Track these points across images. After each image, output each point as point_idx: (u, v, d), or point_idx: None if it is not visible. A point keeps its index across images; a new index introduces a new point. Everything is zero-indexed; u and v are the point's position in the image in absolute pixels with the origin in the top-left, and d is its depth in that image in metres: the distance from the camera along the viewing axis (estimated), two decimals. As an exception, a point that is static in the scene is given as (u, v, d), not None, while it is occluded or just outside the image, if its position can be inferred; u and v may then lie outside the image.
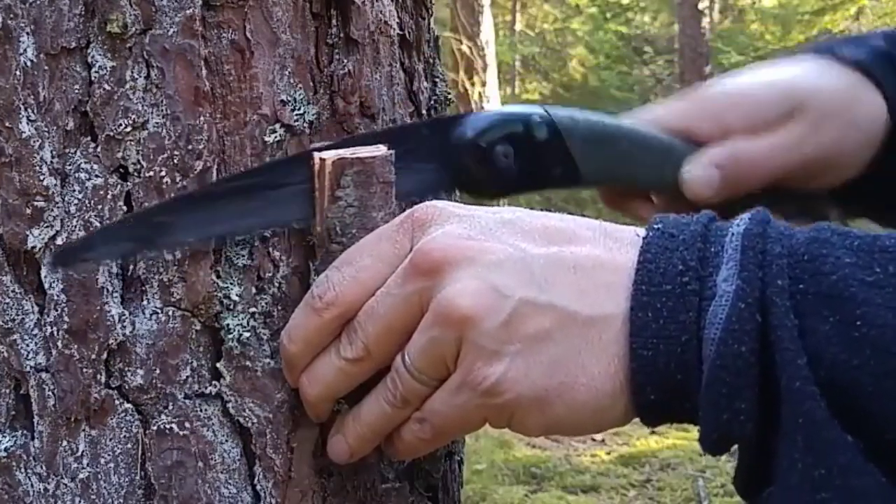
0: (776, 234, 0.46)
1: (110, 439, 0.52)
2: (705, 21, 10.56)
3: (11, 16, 0.51)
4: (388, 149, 0.54)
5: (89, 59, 0.52)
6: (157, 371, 0.52)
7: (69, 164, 0.52)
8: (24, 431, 0.53)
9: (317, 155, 0.53)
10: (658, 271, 0.47)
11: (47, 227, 0.52)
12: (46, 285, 0.52)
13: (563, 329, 0.47)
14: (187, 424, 0.52)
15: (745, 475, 0.46)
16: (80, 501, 0.52)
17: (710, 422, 0.45)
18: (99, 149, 0.52)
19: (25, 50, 0.51)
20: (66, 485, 0.52)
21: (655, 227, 0.49)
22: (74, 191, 0.52)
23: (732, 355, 0.44)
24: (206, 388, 0.53)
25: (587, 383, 0.47)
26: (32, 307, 0.52)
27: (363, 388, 0.52)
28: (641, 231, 0.49)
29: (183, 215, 0.52)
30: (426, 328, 0.48)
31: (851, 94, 0.66)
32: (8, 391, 0.53)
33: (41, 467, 0.52)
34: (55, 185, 0.52)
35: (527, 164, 0.60)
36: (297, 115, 0.55)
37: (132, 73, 0.52)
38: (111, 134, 0.52)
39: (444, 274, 0.48)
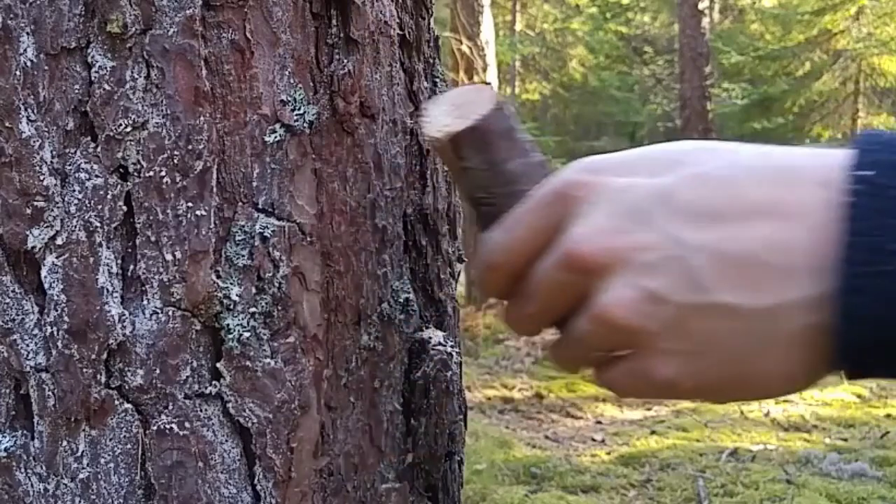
0: None
1: (110, 439, 0.52)
2: (705, 21, 10.56)
3: (11, 16, 0.51)
4: None
5: (89, 59, 0.52)
6: (157, 371, 0.52)
7: (69, 164, 0.52)
8: (24, 431, 0.53)
9: (429, 135, 0.52)
10: (863, 248, 0.40)
11: (47, 227, 0.52)
12: (46, 285, 0.52)
13: (733, 326, 0.44)
14: (187, 424, 0.52)
15: None
16: (80, 501, 0.52)
17: None
18: (99, 149, 0.52)
19: (25, 50, 0.51)
20: (66, 485, 0.52)
21: (861, 173, 0.41)
22: (74, 191, 0.52)
23: None
24: (206, 388, 0.53)
25: (770, 372, 0.44)
26: (32, 307, 0.52)
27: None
28: (836, 172, 0.42)
29: None
30: (589, 323, 0.47)
31: None
32: (8, 391, 0.53)
33: (41, 467, 0.52)
34: (55, 185, 0.52)
35: None
36: (297, 115, 0.55)
37: (132, 73, 0.52)
38: (111, 134, 0.51)
39: (598, 277, 0.46)
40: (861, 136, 0.43)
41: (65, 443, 0.52)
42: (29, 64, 0.51)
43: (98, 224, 0.52)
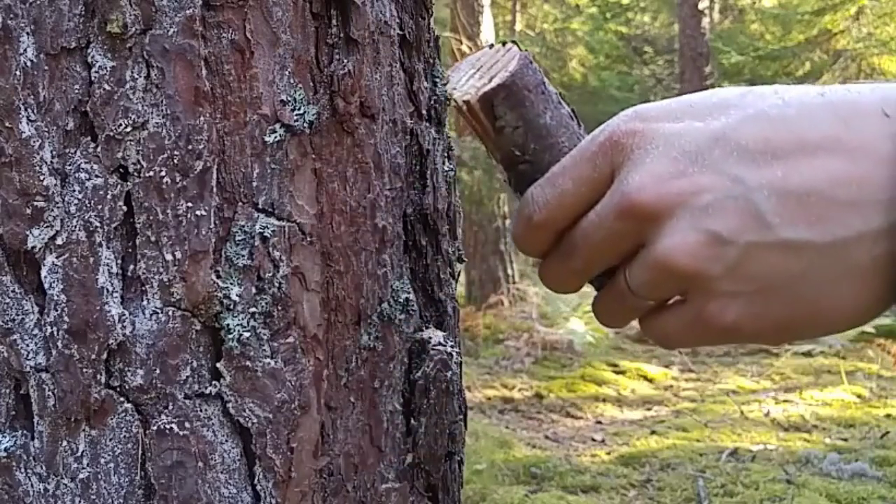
0: None
1: (110, 439, 0.52)
2: (705, 21, 10.56)
3: (11, 16, 0.51)
4: None
5: (89, 59, 0.52)
6: (157, 371, 0.52)
7: (69, 164, 0.52)
8: (24, 431, 0.53)
9: (461, 99, 0.52)
10: None
11: (47, 227, 0.52)
12: (46, 285, 0.52)
13: (800, 262, 0.43)
14: (187, 424, 0.52)
15: None
16: (80, 501, 0.52)
17: None
18: (99, 149, 0.52)
19: (25, 50, 0.51)
20: (66, 485, 0.52)
21: None
22: (74, 191, 0.52)
23: None
24: (206, 388, 0.53)
25: (837, 306, 0.44)
26: (32, 307, 0.52)
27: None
28: (892, 104, 0.42)
29: None
30: (646, 270, 0.46)
31: None
32: (8, 391, 0.53)
33: (41, 467, 0.52)
34: (55, 185, 0.52)
35: None
36: (297, 115, 0.55)
37: (132, 73, 0.52)
38: (111, 134, 0.52)
39: (657, 223, 0.45)
40: None
41: (65, 443, 0.52)
42: (29, 64, 0.51)
43: (98, 224, 0.52)
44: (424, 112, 0.65)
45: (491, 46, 0.53)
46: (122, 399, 0.52)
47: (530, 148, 0.51)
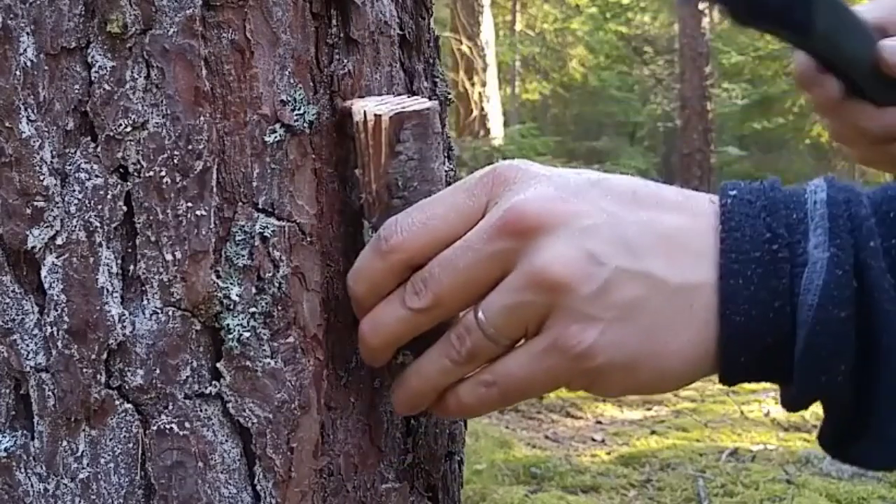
0: (856, 197, 0.47)
1: (110, 439, 0.52)
2: (705, 21, 10.56)
3: (11, 16, 0.51)
4: None
5: (89, 59, 0.52)
6: (157, 371, 0.52)
7: (69, 164, 0.52)
8: (24, 431, 0.53)
9: (369, 111, 0.52)
10: (745, 238, 0.47)
11: (47, 227, 0.52)
12: (46, 285, 0.52)
13: (656, 297, 0.47)
14: (187, 424, 0.52)
15: (834, 430, 0.49)
16: (80, 501, 0.52)
17: (807, 383, 0.46)
18: (99, 149, 0.52)
19: (25, 50, 0.51)
20: (66, 485, 0.52)
21: (730, 193, 0.49)
22: (74, 191, 0.52)
23: (832, 321, 0.45)
24: (206, 388, 0.53)
25: (677, 350, 0.48)
26: (32, 307, 0.52)
27: (425, 339, 0.52)
28: (714, 197, 0.50)
29: None
30: (513, 290, 0.48)
31: None
32: (8, 391, 0.53)
33: (41, 467, 0.52)
34: (55, 185, 0.52)
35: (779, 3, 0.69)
36: (297, 115, 0.55)
37: (132, 73, 0.52)
38: (111, 134, 0.52)
39: (537, 237, 0.47)
40: (727, 186, 0.50)
41: (65, 443, 0.52)
42: (29, 64, 0.51)
43: (98, 224, 0.52)
44: (424, 112, 0.65)
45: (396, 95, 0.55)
46: (122, 399, 0.52)
47: (413, 186, 0.52)
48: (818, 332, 0.45)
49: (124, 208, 0.52)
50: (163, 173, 0.52)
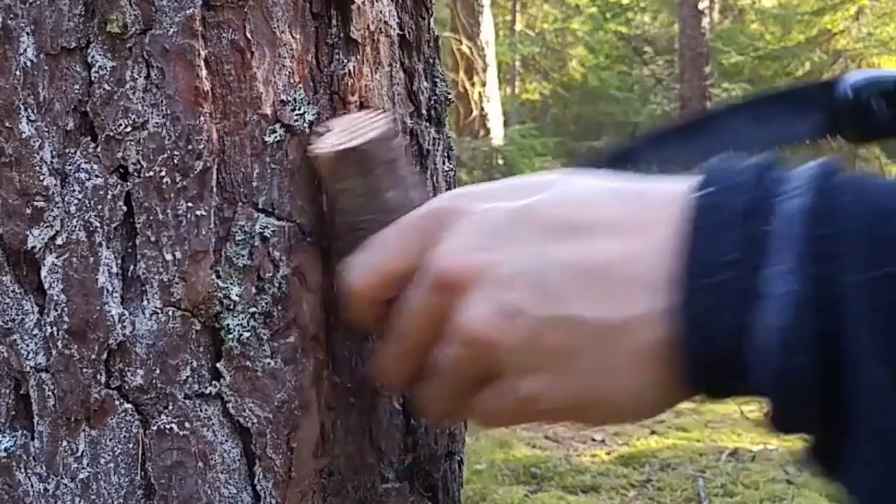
0: (849, 201, 0.39)
1: (110, 439, 0.52)
2: (705, 21, 10.56)
3: (11, 16, 0.51)
4: (768, 108, 0.60)
5: (89, 59, 0.52)
6: (157, 371, 0.52)
7: (69, 164, 0.52)
8: (24, 431, 0.53)
9: (314, 151, 0.53)
10: (699, 262, 0.41)
11: (47, 227, 0.52)
12: (46, 285, 0.52)
13: (586, 340, 0.44)
14: (187, 424, 0.52)
15: (817, 454, 0.42)
16: (80, 501, 0.52)
17: (780, 422, 0.41)
18: (99, 149, 0.52)
19: (25, 50, 0.51)
20: (66, 485, 0.52)
21: (700, 194, 0.42)
22: (74, 191, 0.52)
23: (795, 369, 0.38)
24: (206, 388, 0.53)
25: (623, 385, 0.44)
26: (32, 307, 0.52)
27: None
28: (683, 196, 0.43)
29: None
30: (451, 346, 0.47)
31: None
32: (8, 391, 0.53)
33: (41, 467, 0.52)
34: (55, 185, 0.52)
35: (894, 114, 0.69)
36: (297, 115, 0.55)
37: (132, 73, 0.52)
38: (111, 134, 0.51)
39: (458, 294, 0.46)
40: (712, 162, 0.44)
41: (65, 443, 0.52)
42: (29, 64, 0.51)
43: (98, 224, 0.52)
44: (424, 112, 0.65)
45: (367, 111, 0.55)
46: (122, 399, 0.52)
47: (365, 218, 0.52)
48: (781, 380, 0.39)
49: (124, 208, 0.52)
50: (163, 173, 0.52)
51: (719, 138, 0.74)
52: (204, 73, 0.52)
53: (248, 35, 0.53)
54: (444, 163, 0.67)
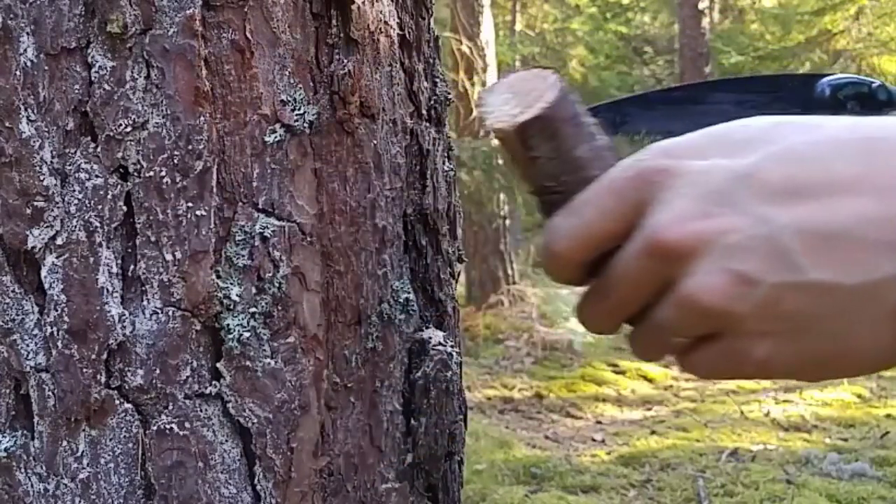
0: None
1: (110, 439, 0.52)
2: (705, 21, 10.55)
3: (11, 16, 0.51)
4: (762, 95, 0.59)
5: (89, 59, 0.52)
6: (157, 371, 0.52)
7: (69, 164, 0.52)
8: (24, 431, 0.53)
9: (495, 125, 0.51)
10: None
11: (47, 227, 0.52)
12: (46, 285, 0.52)
13: (827, 304, 0.43)
14: (187, 424, 0.52)
15: None
16: (80, 501, 0.52)
17: None
18: (99, 149, 0.52)
19: (25, 50, 0.51)
20: (66, 485, 0.52)
21: None
22: (74, 191, 0.52)
23: None
24: (206, 388, 0.53)
25: (863, 347, 0.44)
26: (32, 307, 0.52)
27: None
28: None
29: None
30: (675, 310, 0.46)
31: None
32: (8, 391, 0.53)
33: (41, 467, 0.52)
34: (55, 185, 0.52)
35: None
36: (297, 115, 0.55)
37: (132, 73, 0.52)
38: (111, 134, 0.51)
39: (683, 263, 0.45)
40: None
41: (65, 443, 0.52)
42: (29, 64, 0.51)
43: (98, 224, 0.52)
44: (424, 112, 0.65)
45: (526, 69, 0.53)
46: (122, 399, 0.52)
47: (562, 180, 0.50)
48: None
49: (124, 208, 0.52)
50: (163, 173, 0.52)
51: (703, 111, 0.75)
52: (204, 73, 0.52)
53: (248, 35, 0.53)
54: (444, 163, 0.67)
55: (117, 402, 0.52)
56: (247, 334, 0.53)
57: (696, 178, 0.45)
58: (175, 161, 0.52)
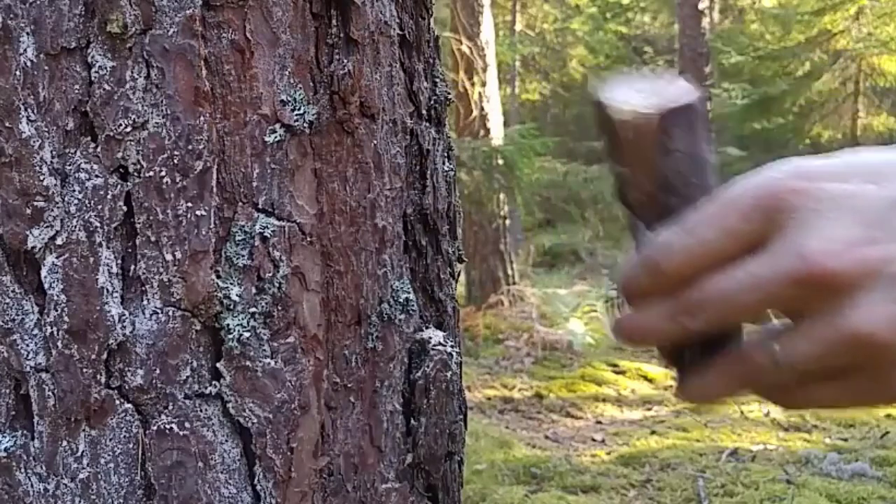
0: None
1: (110, 439, 0.52)
2: (705, 21, 10.56)
3: (11, 16, 0.51)
4: None
5: (89, 59, 0.52)
6: (157, 371, 0.52)
7: (69, 164, 0.52)
8: (24, 431, 0.53)
9: (635, 109, 0.49)
10: None
11: (47, 227, 0.52)
12: (46, 285, 0.52)
13: None
14: (187, 424, 0.52)
15: None
16: (80, 501, 0.52)
17: None
18: (99, 149, 0.52)
19: (25, 50, 0.51)
20: (66, 485, 0.52)
21: None
22: (74, 191, 0.52)
23: None
24: (206, 388, 0.53)
25: None
26: (32, 307, 0.52)
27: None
28: None
29: None
30: (823, 343, 0.43)
31: None
32: (8, 391, 0.53)
33: (41, 467, 0.52)
34: (55, 185, 0.52)
35: None
36: (297, 115, 0.55)
37: (132, 73, 0.52)
38: (111, 134, 0.51)
39: (843, 294, 0.41)
40: None
41: (65, 443, 0.52)
42: (29, 64, 0.51)
43: (98, 224, 0.52)
44: (424, 112, 0.65)
45: (646, 72, 0.51)
46: (122, 399, 0.52)
47: (690, 181, 0.48)
48: None
49: (124, 208, 0.52)
50: (163, 173, 0.52)
51: None
52: (204, 73, 0.52)
53: (248, 35, 0.53)
54: (444, 163, 0.67)
55: (117, 402, 0.52)
56: (247, 334, 0.53)
57: (841, 201, 0.43)
58: (175, 161, 0.52)
